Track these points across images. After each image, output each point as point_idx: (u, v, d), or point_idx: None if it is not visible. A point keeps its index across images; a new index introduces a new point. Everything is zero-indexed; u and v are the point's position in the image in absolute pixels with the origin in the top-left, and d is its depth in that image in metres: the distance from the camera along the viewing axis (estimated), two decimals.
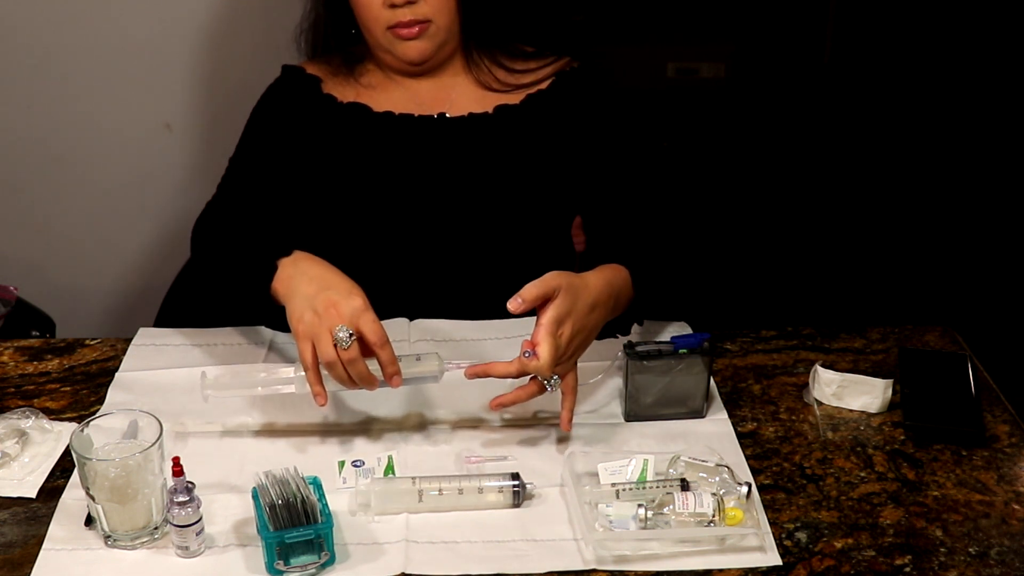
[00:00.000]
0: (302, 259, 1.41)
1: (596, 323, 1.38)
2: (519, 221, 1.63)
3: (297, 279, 1.38)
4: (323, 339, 1.30)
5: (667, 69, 3.75)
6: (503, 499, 1.27)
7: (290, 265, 1.40)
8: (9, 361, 1.56)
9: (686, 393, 1.42)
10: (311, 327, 1.31)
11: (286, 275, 1.39)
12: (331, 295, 1.33)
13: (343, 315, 1.30)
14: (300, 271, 1.39)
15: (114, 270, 2.36)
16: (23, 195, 2.27)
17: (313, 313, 1.32)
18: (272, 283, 1.40)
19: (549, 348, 1.28)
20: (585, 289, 1.35)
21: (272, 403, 1.44)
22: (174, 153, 2.25)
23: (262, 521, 1.17)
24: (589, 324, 1.35)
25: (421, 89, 1.65)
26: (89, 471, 1.19)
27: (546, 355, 1.28)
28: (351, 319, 1.30)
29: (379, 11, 1.55)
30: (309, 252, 1.43)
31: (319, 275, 1.37)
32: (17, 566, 1.19)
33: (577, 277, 1.35)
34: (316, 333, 1.30)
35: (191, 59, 2.16)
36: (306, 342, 1.31)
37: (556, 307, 1.30)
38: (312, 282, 1.36)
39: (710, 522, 1.21)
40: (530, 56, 1.67)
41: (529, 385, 1.33)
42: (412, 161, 1.62)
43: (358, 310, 1.31)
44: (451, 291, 1.63)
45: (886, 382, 1.43)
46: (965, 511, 1.27)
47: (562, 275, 1.32)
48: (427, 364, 1.35)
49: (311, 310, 1.32)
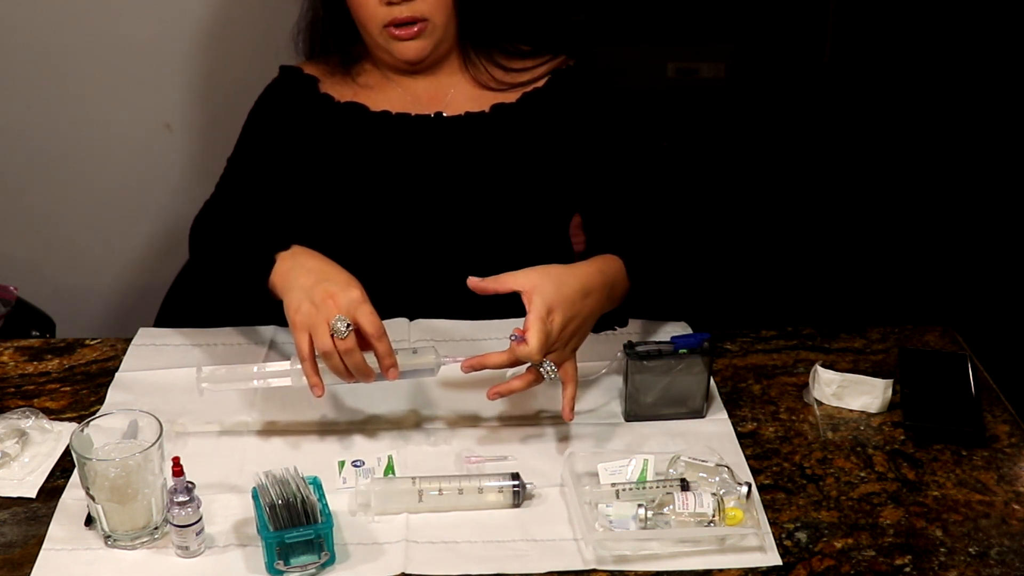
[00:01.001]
0: (300, 253, 1.41)
1: (592, 310, 1.37)
2: (516, 220, 1.63)
3: (295, 272, 1.38)
4: (320, 329, 1.29)
5: (667, 69, 3.75)
6: (503, 499, 1.27)
7: (288, 258, 1.40)
8: (9, 361, 1.56)
9: (686, 393, 1.42)
10: (308, 317, 1.31)
11: (284, 268, 1.39)
12: (329, 286, 1.33)
13: (340, 306, 1.30)
14: (298, 264, 1.39)
15: (114, 270, 2.36)
16: (23, 195, 2.27)
17: (310, 304, 1.32)
18: (270, 276, 1.40)
19: (537, 332, 1.28)
20: (572, 275, 1.35)
21: (272, 403, 1.44)
22: (174, 153, 2.25)
23: (262, 521, 1.17)
24: (584, 311, 1.35)
25: (418, 88, 1.65)
26: (89, 471, 1.19)
27: (534, 339, 1.28)
28: (348, 310, 1.30)
29: (376, 8, 1.55)
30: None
31: (317, 267, 1.37)
32: (17, 566, 1.19)
33: (560, 266, 1.35)
34: (313, 324, 1.30)
35: (191, 59, 2.16)
36: (303, 333, 1.31)
37: (541, 294, 1.30)
38: (310, 274, 1.36)
39: (710, 522, 1.21)
40: (526, 55, 1.67)
41: (526, 374, 1.33)
42: (409, 160, 1.62)
43: (355, 301, 1.31)
44: (448, 290, 1.63)
45: (886, 382, 1.43)
46: (965, 511, 1.27)
47: (538, 270, 1.32)
48: (424, 357, 1.35)
49: (308, 301, 1.32)
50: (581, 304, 1.34)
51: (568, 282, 1.34)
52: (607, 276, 1.40)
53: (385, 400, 1.44)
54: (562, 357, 1.34)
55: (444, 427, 1.41)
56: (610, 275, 1.41)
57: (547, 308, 1.30)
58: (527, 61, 1.66)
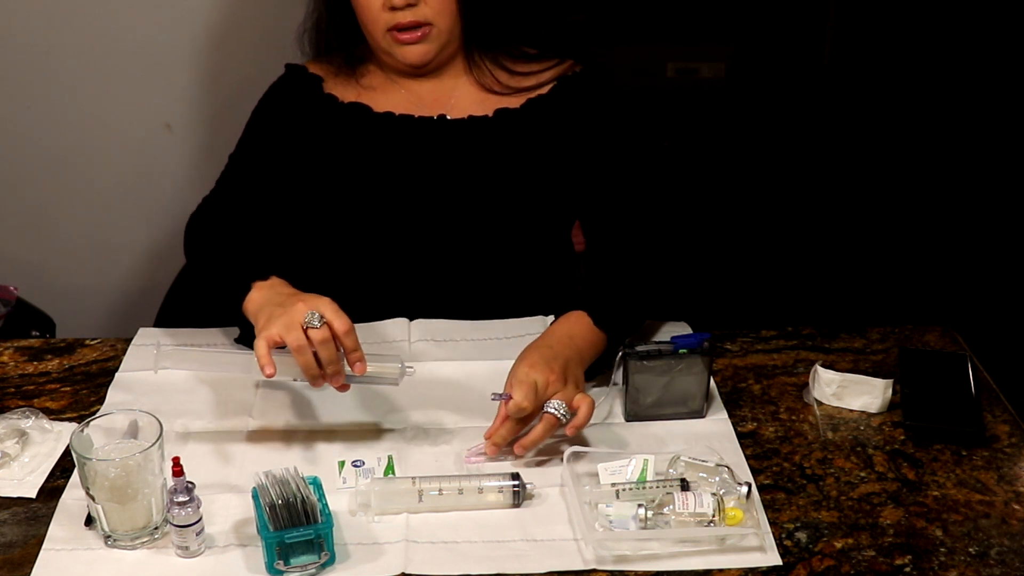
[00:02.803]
0: (277, 284, 1.41)
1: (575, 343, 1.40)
2: (517, 223, 1.63)
3: (268, 299, 1.37)
4: (292, 327, 1.29)
5: (667, 69, 3.74)
6: (503, 499, 1.27)
7: (264, 288, 1.40)
8: (9, 361, 1.56)
9: (686, 393, 1.42)
10: (278, 318, 1.30)
11: (257, 296, 1.39)
12: (297, 298, 1.33)
13: (308, 304, 1.30)
14: (274, 293, 1.38)
15: (114, 270, 2.36)
16: (23, 195, 2.27)
17: (281, 308, 1.31)
18: (244, 303, 1.40)
19: (518, 386, 1.32)
20: (539, 338, 1.41)
21: (272, 403, 1.45)
22: (174, 153, 2.25)
23: (262, 521, 1.17)
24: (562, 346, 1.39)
25: (422, 90, 1.65)
26: (89, 471, 1.19)
27: (518, 392, 1.31)
28: (316, 307, 1.30)
29: (379, 13, 1.55)
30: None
31: (289, 294, 1.37)
32: (17, 566, 1.19)
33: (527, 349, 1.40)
34: (284, 322, 1.29)
35: (191, 59, 2.16)
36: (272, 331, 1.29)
37: (515, 366, 1.35)
38: (281, 298, 1.36)
39: (710, 522, 1.21)
40: (532, 58, 1.66)
41: (542, 421, 1.33)
42: (411, 162, 1.61)
43: (325, 302, 1.31)
44: (449, 291, 1.63)
45: (886, 382, 1.43)
46: (965, 511, 1.27)
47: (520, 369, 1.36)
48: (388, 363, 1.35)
49: (279, 306, 1.32)
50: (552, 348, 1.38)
51: (533, 345, 1.39)
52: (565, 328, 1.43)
53: (385, 400, 1.44)
54: (568, 395, 1.34)
55: (444, 427, 1.41)
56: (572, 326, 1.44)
57: (524, 366, 1.34)
58: (532, 65, 1.65)
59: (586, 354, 1.42)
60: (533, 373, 1.33)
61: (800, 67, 3.80)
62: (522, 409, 1.31)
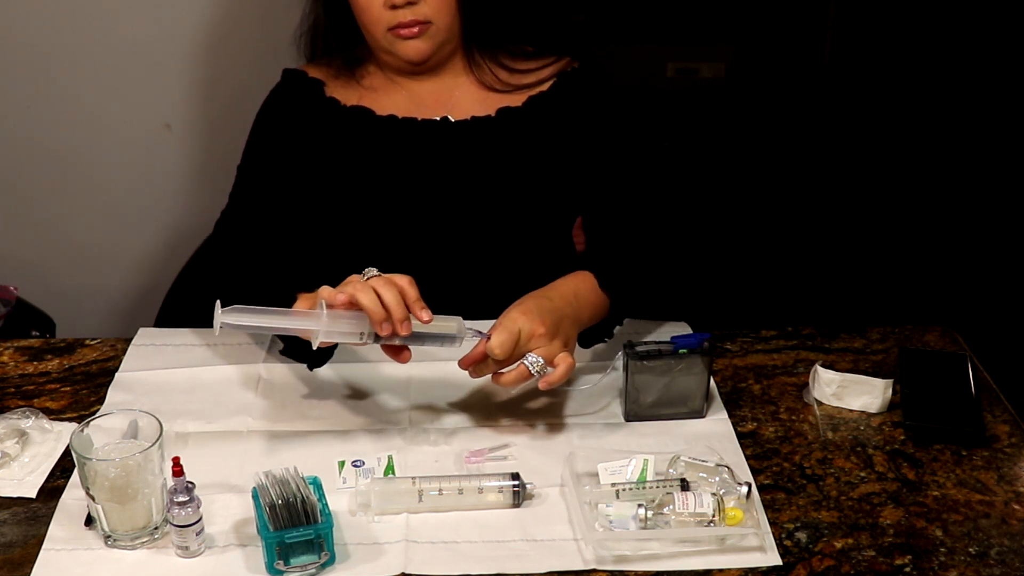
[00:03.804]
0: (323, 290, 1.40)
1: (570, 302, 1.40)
2: (522, 223, 1.63)
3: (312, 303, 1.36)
4: (350, 283, 1.29)
5: (667, 69, 3.74)
6: (503, 499, 1.27)
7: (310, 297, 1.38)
8: (9, 361, 1.56)
9: (686, 393, 1.42)
10: (334, 288, 1.29)
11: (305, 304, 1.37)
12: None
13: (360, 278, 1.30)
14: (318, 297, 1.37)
15: (114, 270, 2.36)
16: (23, 195, 2.27)
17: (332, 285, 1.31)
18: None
19: (500, 330, 1.32)
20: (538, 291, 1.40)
21: (272, 403, 1.45)
22: (174, 153, 2.25)
23: (262, 521, 1.17)
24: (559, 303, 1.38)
25: (423, 90, 1.65)
26: (89, 471, 1.19)
27: (496, 337, 1.31)
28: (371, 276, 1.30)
29: (380, 12, 1.55)
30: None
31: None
32: (17, 566, 1.19)
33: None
34: (341, 285, 1.29)
35: (191, 59, 2.17)
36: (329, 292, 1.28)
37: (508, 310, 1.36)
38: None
39: (710, 522, 1.21)
40: (531, 56, 1.67)
41: (516, 370, 1.34)
42: (416, 165, 1.61)
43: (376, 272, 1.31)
44: (456, 293, 1.62)
45: (886, 382, 1.43)
46: (965, 511, 1.27)
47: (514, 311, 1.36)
48: (449, 322, 1.34)
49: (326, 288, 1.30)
50: (552, 300, 1.37)
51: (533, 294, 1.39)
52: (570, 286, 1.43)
53: (385, 400, 1.44)
54: (551, 351, 1.34)
55: (444, 427, 1.41)
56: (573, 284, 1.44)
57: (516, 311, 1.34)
58: (531, 62, 1.66)
59: (584, 315, 1.43)
60: (521, 320, 1.33)
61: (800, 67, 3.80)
62: (495, 354, 1.32)
